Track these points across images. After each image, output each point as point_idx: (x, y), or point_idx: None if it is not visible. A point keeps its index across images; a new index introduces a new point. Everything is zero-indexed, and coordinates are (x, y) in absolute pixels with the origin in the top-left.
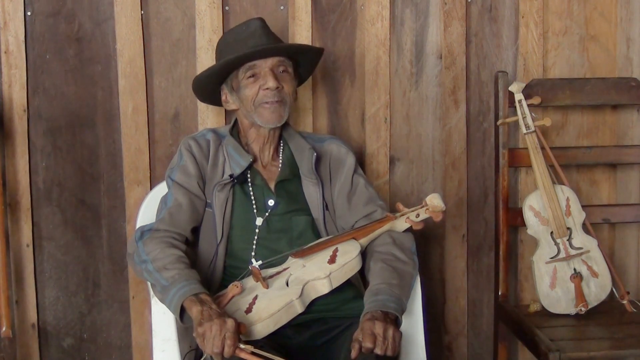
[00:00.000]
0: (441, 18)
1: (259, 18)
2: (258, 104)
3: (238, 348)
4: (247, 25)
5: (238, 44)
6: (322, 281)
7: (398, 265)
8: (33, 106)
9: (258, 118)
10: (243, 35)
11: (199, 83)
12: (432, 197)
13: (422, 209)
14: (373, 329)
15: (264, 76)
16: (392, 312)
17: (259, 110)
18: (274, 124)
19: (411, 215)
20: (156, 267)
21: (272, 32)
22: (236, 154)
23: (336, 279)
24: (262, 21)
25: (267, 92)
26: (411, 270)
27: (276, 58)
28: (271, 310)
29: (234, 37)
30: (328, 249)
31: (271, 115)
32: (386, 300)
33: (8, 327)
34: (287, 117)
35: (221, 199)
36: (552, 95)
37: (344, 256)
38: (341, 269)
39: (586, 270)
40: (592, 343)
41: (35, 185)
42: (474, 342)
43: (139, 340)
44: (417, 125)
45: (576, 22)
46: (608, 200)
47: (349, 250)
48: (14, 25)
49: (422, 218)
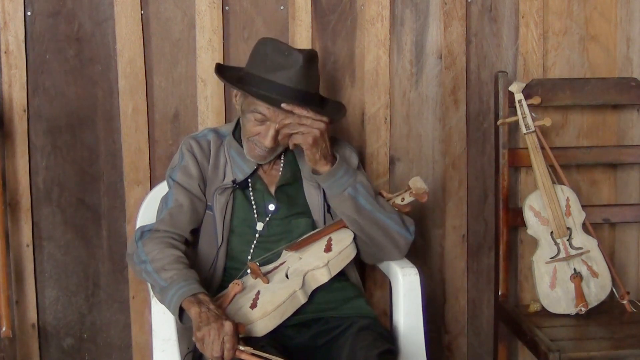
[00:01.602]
0: (441, 18)
1: (309, 51)
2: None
3: (238, 350)
4: (290, 54)
5: (271, 64)
6: (321, 270)
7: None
8: (33, 106)
9: (246, 148)
10: (281, 59)
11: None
12: (414, 180)
13: (406, 193)
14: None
15: (266, 128)
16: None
17: (249, 145)
18: (256, 161)
19: (396, 199)
20: (155, 267)
21: (312, 73)
22: (239, 159)
23: (334, 267)
24: (307, 57)
25: (260, 142)
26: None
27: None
28: (276, 303)
29: (273, 54)
30: (322, 239)
31: (256, 156)
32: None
33: (8, 327)
34: None
35: (222, 202)
36: (552, 95)
37: (339, 244)
38: (338, 256)
39: (586, 270)
40: (592, 343)
41: (35, 185)
42: (474, 342)
43: (139, 340)
44: (417, 125)
45: (576, 22)
46: (608, 200)
47: (343, 237)
48: (14, 25)
49: (407, 201)
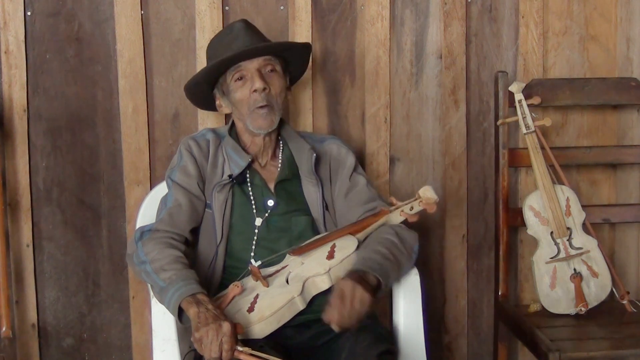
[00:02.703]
0: (441, 18)
1: (242, 20)
2: (252, 109)
3: (236, 350)
4: (231, 29)
5: (223, 47)
6: (322, 277)
7: (394, 251)
8: (33, 106)
9: (251, 123)
10: (227, 38)
11: (190, 90)
12: (424, 189)
13: (415, 202)
14: (343, 286)
15: (251, 78)
16: (372, 275)
17: (252, 115)
18: (266, 130)
19: (405, 208)
20: (154, 268)
21: (257, 32)
22: (235, 155)
23: (335, 275)
24: (245, 22)
25: (256, 95)
26: (405, 261)
27: (262, 58)
28: (274, 308)
29: (219, 41)
30: (326, 245)
31: (263, 122)
32: (372, 266)
33: (8, 327)
34: (287, 118)
35: (220, 199)
36: (552, 95)
37: (342, 251)
38: (340, 264)
39: (586, 270)
40: (592, 343)
41: (35, 185)
42: (474, 342)
43: (139, 340)
44: (417, 125)
45: (576, 22)
46: (608, 200)
47: (346, 245)
48: (14, 25)
49: (416, 210)
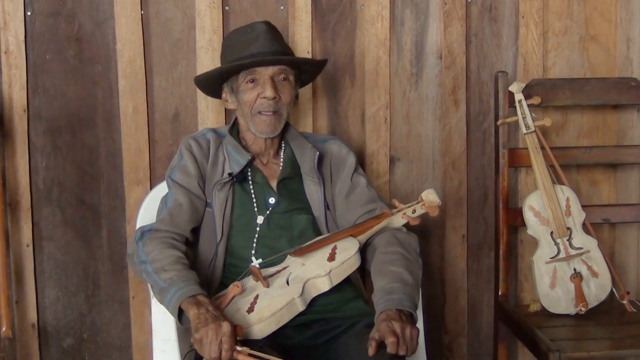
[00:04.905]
0: (441, 18)
1: (265, 22)
2: (255, 112)
3: (235, 351)
4: (252, 28)
5: (241, 46)
6: (322, 279)
7: (408, 265)
8: (33, 106)
9: (253, 126)
10: (246, 37)
11: (199, 82)
12: (427, 192)
13: (418, 205)
14: (392, 328)
15: (262, 84)
16: (407, 310)
17: (255, 119)
18: (267, 135)
19: (407, 211)
20: (155, 268)
21: (278, 36)
22: (235, 153)
23: (336, 277)
24: (268, 25)
25: (264, 100)
26: (418, 270)
27: (277, 66)
28: (273, 309)
29: (238, 37)
30: (327, 246)
31: (266, 128)
32: (401, 299)
33: (8, 327)
34: (288, 118)
35: (221, 198)
36: (552, 95)
37: (343, 253)
38: (341, 266)
39: (586, 270)
40: (592, 343)
41: (35, 185)
42: (474, 342)
43: (139, 340)
44: (417, 125)
45: (576, 22)
46: (608, 200)
47: (347, 247)
48: (14, 25)
49: (418, 214)
